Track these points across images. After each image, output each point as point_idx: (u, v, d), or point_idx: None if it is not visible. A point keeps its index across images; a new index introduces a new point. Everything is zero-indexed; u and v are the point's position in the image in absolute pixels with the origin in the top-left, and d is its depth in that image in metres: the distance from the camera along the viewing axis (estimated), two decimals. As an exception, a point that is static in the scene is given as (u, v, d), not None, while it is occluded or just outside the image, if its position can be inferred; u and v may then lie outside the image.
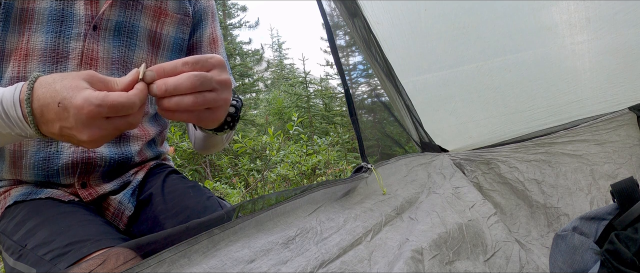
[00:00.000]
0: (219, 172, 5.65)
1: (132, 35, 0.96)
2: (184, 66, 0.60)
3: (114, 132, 0.57)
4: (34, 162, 0.90)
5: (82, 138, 0.56)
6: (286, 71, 17.73)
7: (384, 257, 0.85)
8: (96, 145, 0.58)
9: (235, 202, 3.62)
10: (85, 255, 0.70)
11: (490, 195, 1.35)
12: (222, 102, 0.63)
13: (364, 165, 1.09)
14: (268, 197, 0.79)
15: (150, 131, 1.05)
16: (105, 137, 0.57)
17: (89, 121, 0.54)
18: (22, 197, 0.90)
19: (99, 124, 0.55)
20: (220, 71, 0.63)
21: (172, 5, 1.01)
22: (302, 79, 9.54)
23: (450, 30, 1.28)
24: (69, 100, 0.54)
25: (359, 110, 1.25)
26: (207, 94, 0.61)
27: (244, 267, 0.65)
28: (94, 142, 0.57)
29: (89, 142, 0.56)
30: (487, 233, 1.11)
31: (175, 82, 0.58)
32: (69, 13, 0.89)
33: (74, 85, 0.56)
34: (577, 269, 0.83)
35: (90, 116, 0.54)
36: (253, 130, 8.06)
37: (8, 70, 0.87)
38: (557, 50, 1.33)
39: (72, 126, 0.55)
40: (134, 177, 1.01)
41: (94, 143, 0.57)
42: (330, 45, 1.19)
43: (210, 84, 0.60)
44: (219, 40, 1.11)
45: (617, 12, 1.23)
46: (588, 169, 1.33)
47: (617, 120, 1.37)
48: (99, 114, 0.54)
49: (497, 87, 1.38)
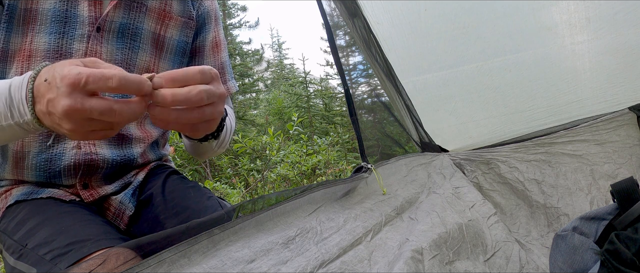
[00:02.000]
0: (219, 172, 5.65)
1: (135, 38, 0.95)
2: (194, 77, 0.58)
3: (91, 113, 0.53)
4: (36, 163, 0.90)
5: (58, 109, 0.53)
6: (286, 71, 17.73)
7: (384, 257, 0.85)
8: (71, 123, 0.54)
9: (235, 202, 3.62)
10: (86, 255, 0.70)
11: (490, 195, 1.35)
12: (218, 115, 0.62)
13: (364, 165, 1.09)
14: (268, 197, 0.79)
15: (153, 133, 1.05)
16: (80, 113, 0.53)
17: (69, 90, 0.52)
18: (23, 197, 0.90)
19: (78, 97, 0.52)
20: (218, 83, 0.62)
21: (176, 8, 1.00)
22: (302, 79, 9.54)
23: (450, 30, 1.28)
24: (58, 71, 0.54)
25: (359, 110, 1.25)
26: (207, 107, 0.60)
27: (244, 267, 0.65)
28: (68, 117, 0.53)
29: (64, 115, 0.53)
30: (487, 233, 1.11)
31: (186, 96, 0.56)
32: (73, 14, 0.88)
33: (69, 63, 0.55)
34: (577, 269, 0.83)
35: (71, 83, 0.52)
36: (253, 130, 8.06)
37: (12, 71, 0.87)
38: (557, 50, 1.33)
39: (54, 97, 0.54)
40: (134, 178, 1.01)
41: (69, 118, 0.54)
42: (330, 45, 1.19)
43: (214, 98, 0.60)
44: (221, 44, 1.10)
45: (617, 12, 1.23)
46: (588, 169, 1.33)
47: (617, 120, 1.37)
48: (79, 81, 0.52)
49: (497, 87, 1.38)
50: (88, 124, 0.55)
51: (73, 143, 0.91)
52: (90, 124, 0.55)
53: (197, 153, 1.04)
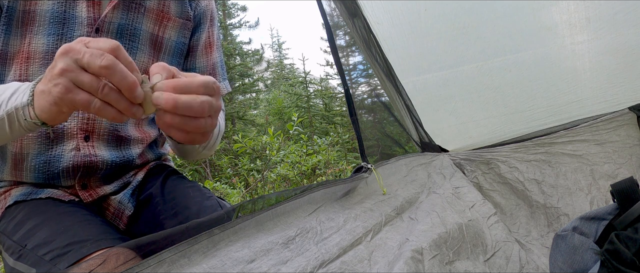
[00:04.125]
0: (219, 172, 5.65)
1: (134, 39, 0.95)
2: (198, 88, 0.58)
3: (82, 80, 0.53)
4: (35, 165, 0.90)
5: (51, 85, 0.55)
6: (286, 71, 17.74)
7: (384, 257, 0.85)
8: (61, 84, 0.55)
9: (235, 202, 3.62)
10: (85, 255, 0.70)
11: (490, 195, 1.35)
12: (212, 126, 0.62)
13: (364, 165, 1.09)
14: (268, 197, 0.79)
15: (151, 134, 1.05)
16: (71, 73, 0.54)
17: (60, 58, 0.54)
18: (22, 197, 0.90)
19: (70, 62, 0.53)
20: (219, 97, 0.63)
21: (174, 9, 1.00)
22: (302, 79, 9.55)
23: (450, 30, 1.28)
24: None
25: (359, 110, 1.25)
26: (207, 119, 0.60)
27: (244, 267, 0.65)
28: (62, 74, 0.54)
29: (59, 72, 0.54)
30: (487, 233, 1.11)
31: (188, 104, 0.56)
32: (71, 15, 0.88)
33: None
34: (577, 269, 0.83)
35: (62, 52, 0.54)
36: (253, 130, 8.06)
37: (10, 74, 0.87)
38: (557, 50, 1.33)
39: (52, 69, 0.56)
40: (133, 178, 1.01)
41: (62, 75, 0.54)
42: (330, 45, 1.19)
43: (213, 112, 0.60)
44: (214, 44, 1.10)
45: (617, 12, 1.23)
46: (588, 169, 1.33)
47: (617, 120, 1.37)
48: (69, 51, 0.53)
49: (497, 87, 1.38)
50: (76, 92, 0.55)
51: (72, 145, 0.91)
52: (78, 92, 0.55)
53: (181, 154, 1.04)
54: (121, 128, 0.97)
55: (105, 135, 0.94)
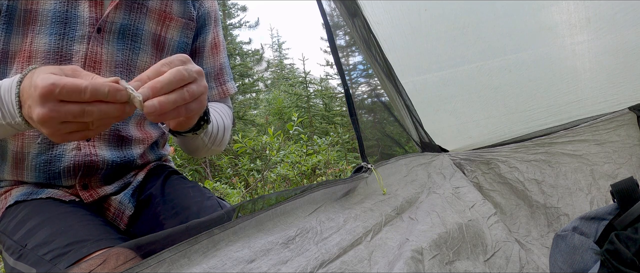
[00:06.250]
0: (219, 172, 5.65)
1: (136, 39, 0.95)
2: (163, 67, 0.61)
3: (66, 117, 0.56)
4: (36, 165, 0.90)
5: (34, 115, 0.56)
6: (286, 71, 17.73)
7: (384, 257, 0.85)
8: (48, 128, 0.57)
9: (235, 202, 3.62)
10: (85, 255, 0.70)
11: (490, 195, 1.35)
12: (204, 89, 0.65)
13: (364, 165, 1.09)
14: (268, 197, 0.79)
15: (153, 134, 1.05)
16: (55, 120, 0.56)
17: (42, 99, 0.55)
18: (23, 197, 0.90)
19: (51, 106, 0.55)
20: (191, 63, 0.65)
21: (176, 9, 1.00)
22: (302, 79, 9.56)
23: (450, 30, 1.28)
24: (35, 79, 0.57)
25: (359, 110, 1.25)
26: (191, 85, 0.62)
27: (244, 267, 0.65)
28: (45, 123, 0.56)
29: (40, 121, 0.56)
30: (487, 233, 1.11)
31: (165, 80, 0.59)
32: (73, 15, 0.88)
33: (47, 70, 0.58)
34: (577, 269, 0.83)
35: (44, 93, 0.54)
36: (253, 130, 8.06)
37: (12, 72, 0.87)
38: (557, 50, 1.33)
39: (31, 104, 0.57)
40: (134, 178, 1.01)
41: (45, 125, 0.57)
42: (330, 45, 1.19)
43: (192, 75, 0.62)
44: (220, 45, 1.10)
45: (617, 12, 1.23)
46: (588, 169, 1.33)
47: (617, 120, 1.37)
48: (51, 92, 0.54)
49: (497, 87, 1.38)
50: (64, 126, 0.58)
51: (73, 144, 0.91)
52: (66, 126, 0.58)
53: (189, 149, 1.04)
54: (123, 128, 0.97)
55: (107, 135, 0.94)
